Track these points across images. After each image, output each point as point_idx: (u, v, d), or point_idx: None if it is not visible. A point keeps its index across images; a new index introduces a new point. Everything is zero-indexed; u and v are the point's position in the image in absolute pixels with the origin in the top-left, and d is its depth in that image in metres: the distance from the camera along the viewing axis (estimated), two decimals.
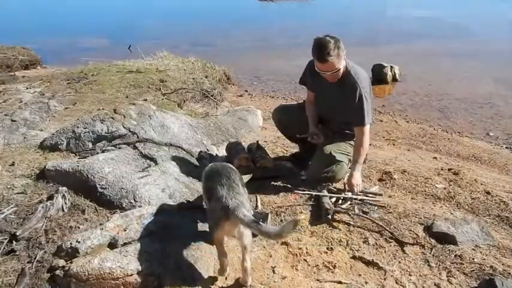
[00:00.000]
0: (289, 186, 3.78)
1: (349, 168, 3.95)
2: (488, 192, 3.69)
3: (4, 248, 2.61)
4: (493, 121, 6.52)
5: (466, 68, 9.57)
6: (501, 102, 7.27)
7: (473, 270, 2.75)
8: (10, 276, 2.47)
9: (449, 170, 4.17)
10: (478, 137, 6.00)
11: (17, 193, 3.09)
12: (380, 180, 3.95)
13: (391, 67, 8.69)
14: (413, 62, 10.08)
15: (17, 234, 2.66)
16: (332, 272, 2.79)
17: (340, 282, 2.68)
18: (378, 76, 8.67)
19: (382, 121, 6.42)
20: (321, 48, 3.35)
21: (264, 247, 3.04)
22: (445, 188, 3.78)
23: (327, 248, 3.02)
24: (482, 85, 8.30)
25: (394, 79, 8.70)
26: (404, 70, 9.09)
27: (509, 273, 2.67)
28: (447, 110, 7.05)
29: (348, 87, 3.54)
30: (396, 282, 2.68)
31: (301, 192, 3.61)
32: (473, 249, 2.95)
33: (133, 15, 17.99)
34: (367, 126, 3.59)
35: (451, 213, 3.39)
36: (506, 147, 5.60)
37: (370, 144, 4.94)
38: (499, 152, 5.35)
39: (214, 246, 2.70)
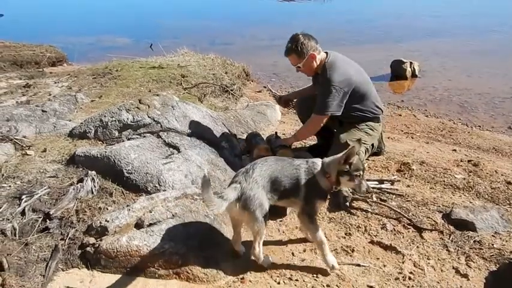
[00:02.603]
0: None
1: (367, 158, 4.03)
2: (509, 183, 3.69)
3: (39, 225, 2.77)
4: None
5: (486, 63, 9.41)
6: None
7: (493, 255, 2.78)
8: (45, 251, 2.62)
9: (469, 161, 4.17)
10: (500, 130, 5.90)
11: (49, 176, 3.25)
12: (398, 171, 3.99)
13: (411, 63, 8.62)
14: (433, 59, 9.97)
15: (51, 213, 2.82)
16: (350, 255, 2.86)
17: (358, 265, 2.75)
18: (397, 72, 8.62)
19: (400, 115, 6.40)
20: (287, 43, 3.75)
21: (284, 232, 3.13)
22: (464, 179, 3.78)
23: (345, 233, 3.09)
24: (503, 80, 8.15)
25: (414, 75, 8.62)
26: (424, 66, 9.02)
27: None
28: (467, 104, 6.97)
29: (321, 78, 3.74)
30: (415, 266, 2.73)
31: None
32: (492, 235, 2.98)
33: (154, 15, 18.28)
34: (323, 116, 3.70)
35: (470, 202, 3.42)
36: None
37: (388, 137, 5.00)
38: None
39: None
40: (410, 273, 2.66)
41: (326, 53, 3.81)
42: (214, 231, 2.94)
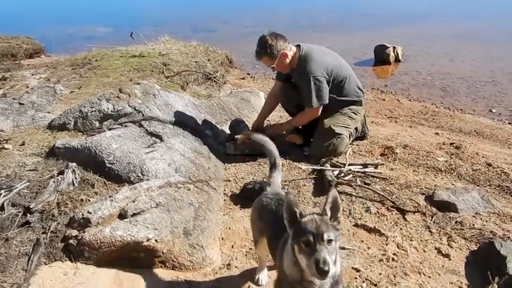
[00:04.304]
0: (292, 161, 3.87)
1: (350, 143, 4.05)
2: (489, 164, 3.74)
3: (19, 220, 2.70)
4: (496, 98, 6.51)
5: (468, 47, 9.53)
6: (505, 80, 7.24)
7: (474, 235, 2.83)
8: (26, 246, 2.56)
9: (451, 144, 4.22)
10: (481, 113, 6.00)
11: (29, 170, 3.16)
12: (382, 155, 4.02)
13: (394, 48, 8.65)
14: (416, 43, 10.05)
15: (31, 207, 2.75)
16: None
17: (343, 248, 2.76)
18: (381, 57, 8.66)
19: (384, 100, 6.45)
20: (256, 47, 3.79)
21: None
22: (446, 161, 3.83)
23: None
24: (485, 64, 8.26)
25: (397, 60, 8.67)
26: (407, 51, 9.08)
27: (509, 237, 2.75)
28: (450, 88, 7.05)
29: (299, 72, 3.78)
30: (398, 247, 2.77)
31: (305, 166, 3.70)
32: (473, 216, 3.03)
33: (134, 3, 17.98)
34: (316, 108, 3.78)
35: (452, 184, 3.47)
36: (509, 123, 5.60)
37: (372, 122, 5.04)
38: (501, 127, 5.37)
39: None
40: (394, 254, 2.69)
41: (298, 45, 3.80)
42: (199, 218, 2.92)
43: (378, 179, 3.53)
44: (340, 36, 11.04)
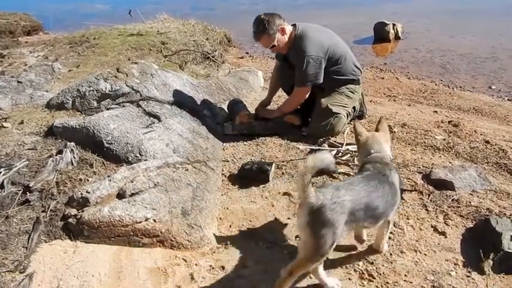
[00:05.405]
0: (290, 141, 3.88)
1: (348, 123, 4.04)
2: (487, 142, 3.74)
3: (19, 198, 2.73)
4: (496, 75, 6.44)
5: (469, 24, 9.41)
6: (504, 56, 7.16)
7: (470, 213, 2.84)
8: (26, 224, 2.60)
9: (449, 122, 4.21)
10: (480, 90, 5.95)
11: (28, 149, 3.18)
12: None
13: (394, 25, 8.54)
14: (416, 20, 9.91)
15: (30, 185, 2.77)
16: None
17: None
18: (380, 34, 8.56)
19: (383, 78, 6.40)
20: (253, 28, 3.73)
21: (267, 197, 3.15)
22: (444, 139, 3.83)
23: None
24: (485, 40, 8.18)
25: (397, 37, 8.58)
26: (407, 28, 8.96)
27: (505, 214, 2.77)
28: (449, 65, 6.98)
29: (295, 52, 3.74)
30: (394, 225, 2.78)
31: (302, 146, 3.71)
32: (470, 193, 3.04)
33: None
34: (305, 87, 3.77)
35: (450, 162, 3.47)
36: (508, 100, 5.58)
37: (370, 101, 5.01)
38: (500, 104, 5.34)
39: None
40: (390, 232, 2.70)
41: (294, 25, 3.76)
42: (197, 198, 2.95)
43: None
44: (338, 13, 10.89)
